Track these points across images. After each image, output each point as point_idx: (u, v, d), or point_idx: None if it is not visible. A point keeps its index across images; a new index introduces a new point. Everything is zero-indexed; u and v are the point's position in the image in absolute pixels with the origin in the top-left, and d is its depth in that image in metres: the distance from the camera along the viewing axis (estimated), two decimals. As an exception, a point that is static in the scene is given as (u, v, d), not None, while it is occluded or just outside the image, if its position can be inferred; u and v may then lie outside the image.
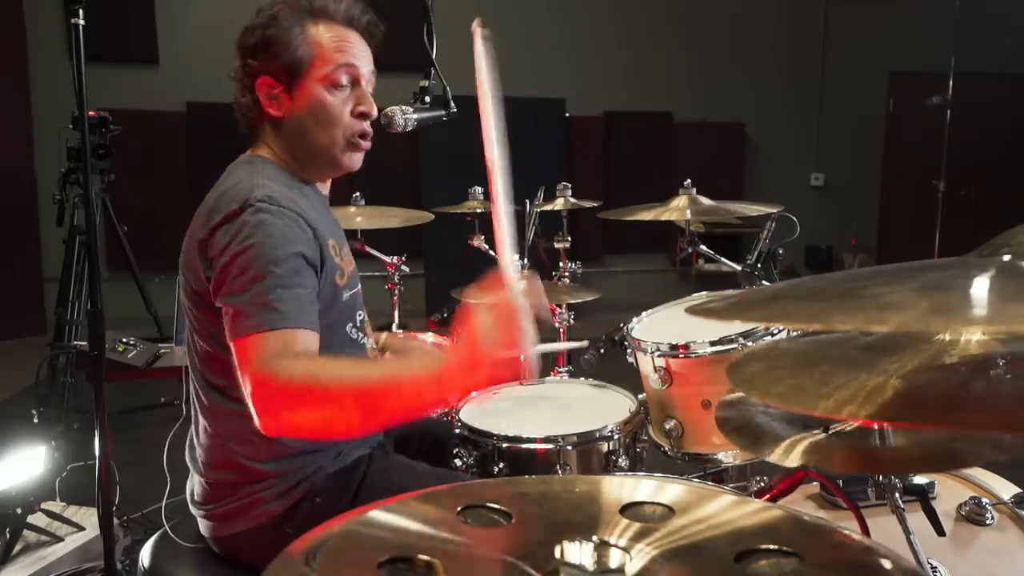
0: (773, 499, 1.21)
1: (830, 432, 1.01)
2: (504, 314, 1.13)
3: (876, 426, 0.95)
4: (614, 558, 0.53)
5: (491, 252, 2.60)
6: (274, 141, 1.39)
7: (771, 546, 0.55)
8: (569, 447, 1.59)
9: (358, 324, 1.43)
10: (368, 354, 1.47)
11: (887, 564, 0.54)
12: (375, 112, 1.43)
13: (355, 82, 1.39)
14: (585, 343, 2.01)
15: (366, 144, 1.43)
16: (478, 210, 2.69)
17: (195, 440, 1.39)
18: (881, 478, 1.11)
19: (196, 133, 6.05)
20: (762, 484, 1.40)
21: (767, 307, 0.73)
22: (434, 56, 1.68)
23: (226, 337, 1.18)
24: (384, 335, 1.80)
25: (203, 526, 1.38)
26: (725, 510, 0.61)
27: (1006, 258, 0.68)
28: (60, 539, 2.11)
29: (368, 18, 1.42)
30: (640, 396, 1.77)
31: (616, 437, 1.62)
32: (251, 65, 1.34)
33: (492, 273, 1.18)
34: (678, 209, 2.00)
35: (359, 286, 1.45)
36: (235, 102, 1.41)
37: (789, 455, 0.98)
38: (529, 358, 1.20)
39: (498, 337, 1.11)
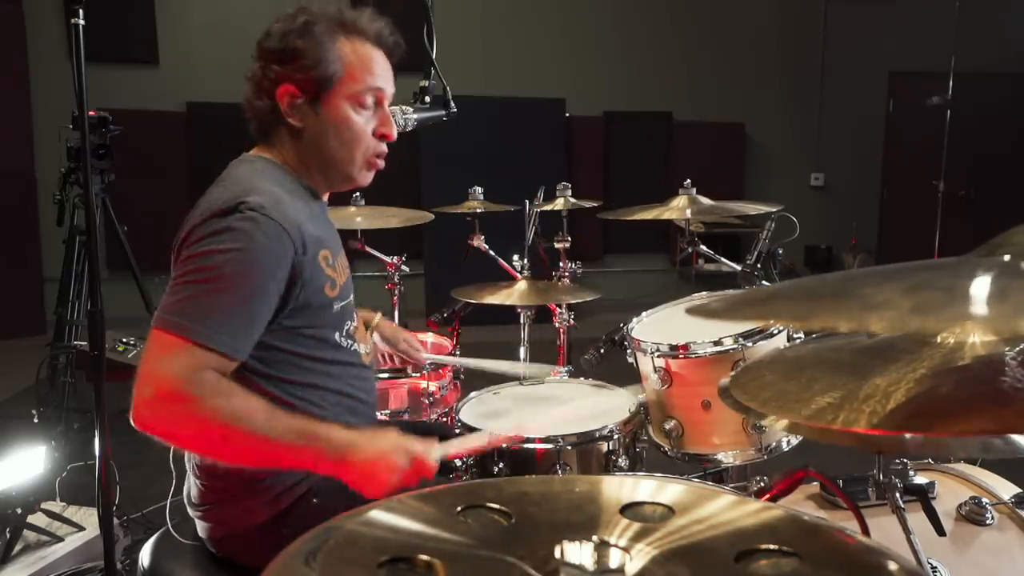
0: (773, 499, 1.21)
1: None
2: (416, 464, 1.20)
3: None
4: (614, 558, 0.53)
5: (491, 252, 2.60)
6: (287, 147, 1.38)
7: (771, 546, 0.55)
8: (569, 447, 1.59)
9: (345, 332, 1.40)
10: (363, 359, 1.46)
11: (887, 564, 0.54)
12: (395, 135, 1.43)
13: (378, 103, 1.39)
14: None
15: (381, 164, 1.43)
16: (478, 210, 2.69)
17: None
18: (881, 478, 1.12)
19: (196, 133, 6.05)
20: (762, 484, 1.40)
21: (761, 306, 0.74)
22: (434, 56, 1.68)
23: (155, 313, 1.17)
24: (377, 316, 1.84)
25: (200, 527, 1.37)
26: (725, 510, 0.61)
27: (1005, 258, 0.68)
28: (60, 539, 2.11)
29: (394, 39, 1.40)
30: (640, 396, 1.77)
31: (616, 437, 1.62)
32: (275, 70, 1.31)
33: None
34: (678, 209, 2.00)
35: (351, 296, 1.43)
36: (247, 102, 1.38)
37: (779, 422, 0.97)
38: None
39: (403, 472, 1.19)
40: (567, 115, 6.56)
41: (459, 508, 0.61)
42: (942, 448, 0.97)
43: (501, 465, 1.59)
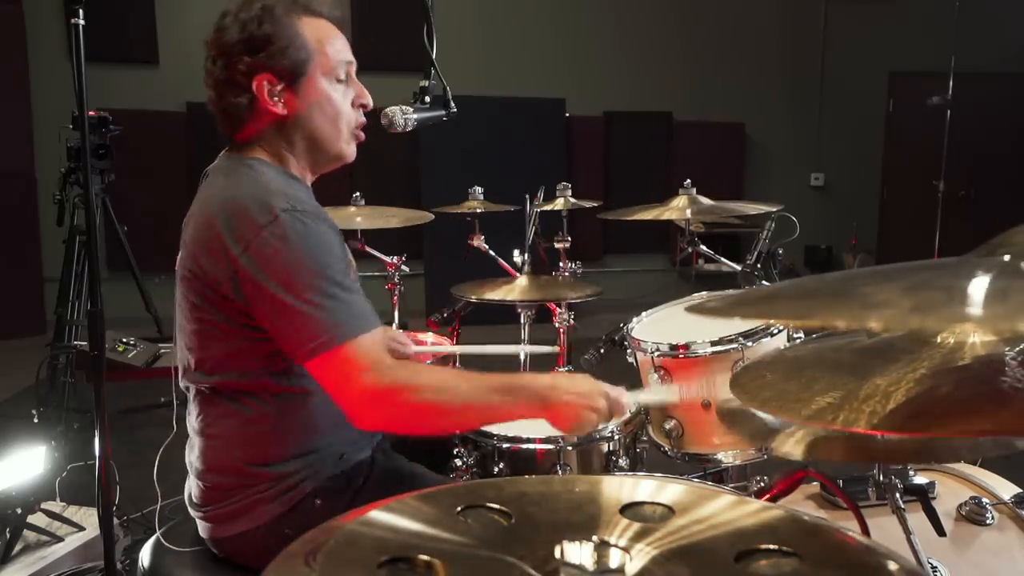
0: (773, 499, 1.21)
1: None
2: (611, 406, 1.29)
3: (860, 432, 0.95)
4: (614, 558, 0.53)
5: (491, 252, 2.60)
6: (271, 139, 1.36)
7: (771, 546, 0.55)
8: (569, 447, 1.59)
9: None
10: None
11: (887, 564, 0.54)
12: (371, 102, 1.44)
13: (349, 76, 1.40)
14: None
15: (362, 136, 1.45)
16: (478, 210, 2.69)
17: (193, 443, 1.39)
18: (881, 478, 1.12)
19: (196, 133, 6.05)
20: (762, 484, 1.40)
21: (761, 306, 0.74)
22: (434, 56, 1.68)
23: (295, 354, 1.20)
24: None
25: (202, 528, 1.37)
26: (725, 510, 0.61)
27: (1004, 258, 0.68)
28: (60, 539, 2.11)
29: (341, 13, 1.43)
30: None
31: (616, 437, 1.62)
32: (246, 62, 1.30)
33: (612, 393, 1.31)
34: (678, 209, 2.00)
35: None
36: (215, 104, 1.35)
37: (788, 445, 0.98)
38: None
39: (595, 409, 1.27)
40: (567, 115, 6.56)
41: (459, 508, 0.61)
42: (934, 456, 0.98)
43: (501, 465, 1.59)
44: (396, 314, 2.63)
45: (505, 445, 1.59)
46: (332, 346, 1.17)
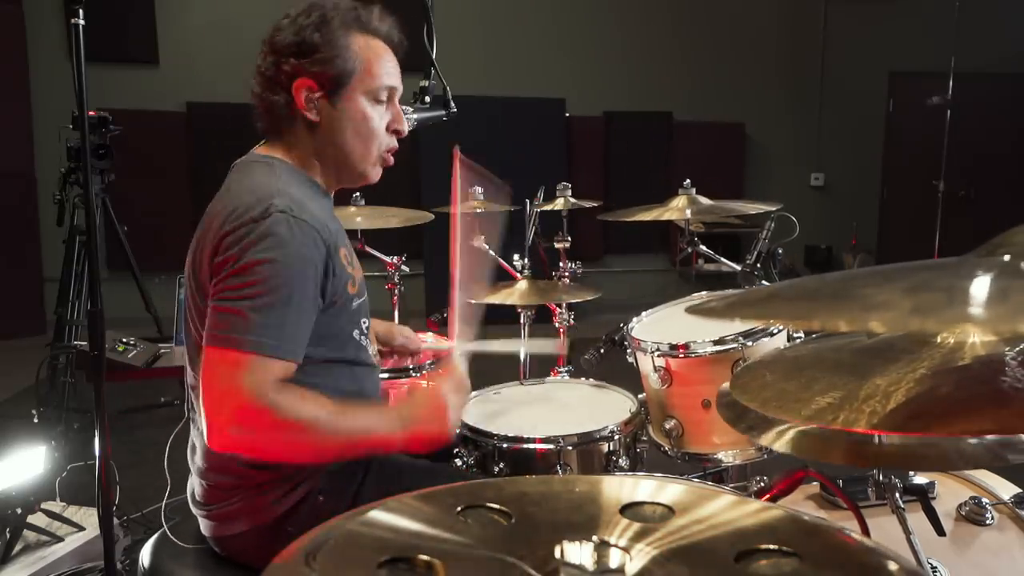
0: (773, 499, 1.21)
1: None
2: (459, 389, 1.39)
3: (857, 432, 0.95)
4: (614, 558, 0.53)
5: (491, 252, 2.60)
6: (301, 144, 1.37)
7: (771, 546, 0.55)
8: (569, 447, 1.59)
9: (364, 330, 1.42)
10: (371, 359, 1.47)
11: (887, 564, 0.54)
12: (407, 131, 1.44)
13: (390, 99, 1.40)
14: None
15: (391, 160, 1.44)
16: (478, 210, 2.69)
17: (195, 442, 1.39)
18: (881, 478, 1.12)
19: (196, 133, 6.05)
20: (762, 484, 1.40)
21: (761, 306, 0.74)
22: (434, 56, 1.68)
23: (208, 333, 1.18)
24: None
25: (204, 526, 1.38)
26: (725, 510, 0.61)
27: (1004, 258, 0.68)
28: (60, 539, 2.11)
29: (401, 38, 1.42)
30: (640, 396, 1.77)
31: (616, 437, 1.62)
32: (292, 64, 1.31)
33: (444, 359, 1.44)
34: (678, 209, 2.00)
35: (366, 294, 1.44)
36: (257, 97, 1.36)
37: (779, 440, 0.97)
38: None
39: (454, 407, 1.35)
40: (567, 115, 6.56)
41: (459, 508, 0.61)
42: (924, 462, 0.97)
43: (501, 465, 1.59)
44: (396, 314, 2.63)
45: (505, 445, 1.59)
46: (242, 348, 1.15)
